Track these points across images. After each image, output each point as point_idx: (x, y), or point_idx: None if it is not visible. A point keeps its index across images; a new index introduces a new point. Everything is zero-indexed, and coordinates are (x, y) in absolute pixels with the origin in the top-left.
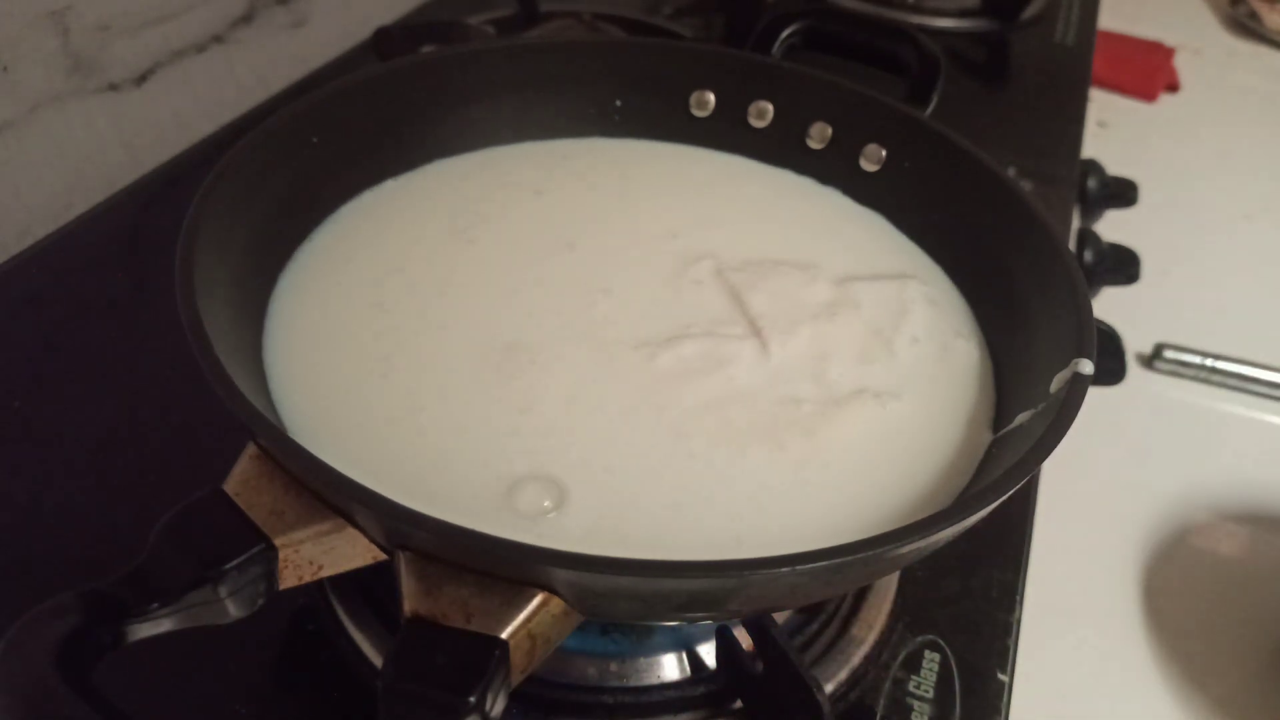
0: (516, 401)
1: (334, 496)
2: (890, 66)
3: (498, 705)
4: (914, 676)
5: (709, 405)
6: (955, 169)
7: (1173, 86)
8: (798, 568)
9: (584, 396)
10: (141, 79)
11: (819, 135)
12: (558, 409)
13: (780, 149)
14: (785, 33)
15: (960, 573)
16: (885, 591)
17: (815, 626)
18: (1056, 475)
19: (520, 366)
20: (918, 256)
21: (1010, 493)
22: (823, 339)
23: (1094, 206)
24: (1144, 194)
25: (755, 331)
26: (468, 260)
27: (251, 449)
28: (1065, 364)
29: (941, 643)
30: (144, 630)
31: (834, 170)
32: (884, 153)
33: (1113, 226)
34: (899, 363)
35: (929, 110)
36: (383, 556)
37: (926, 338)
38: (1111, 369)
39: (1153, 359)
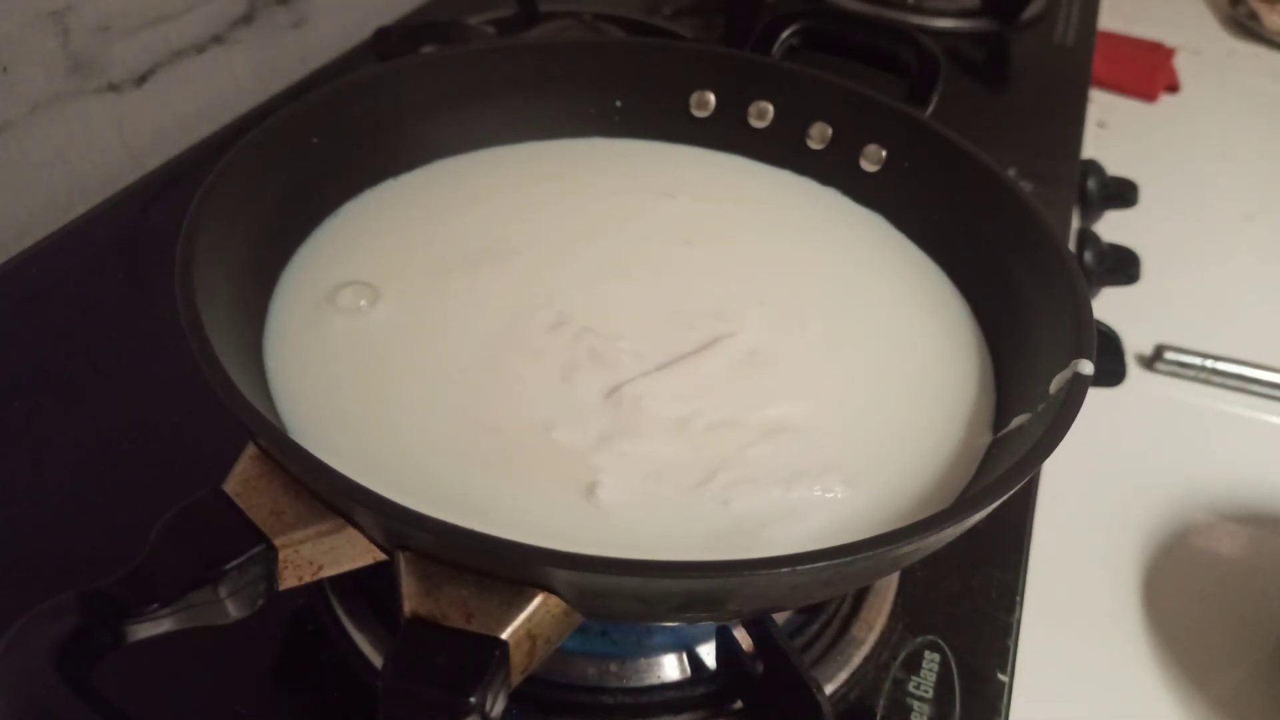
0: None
1: (334, 497)
2: (890, 66)
3: (498, 705)
4: (914, 677)
5: (539, 384)
6: (955, 169)
7: (1173, 86)
8: (798, 568)
9: (481, 289)
10: (141, 79)
11: (819, 135)
12: (453, 279)
13: (780, 149)
14: (785, 33)
15: (960, 573)
16: (885, 591)
17: (815, 627)
18: (1056, 475)
19: (493, 263)
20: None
21: (1010, 493)
22: (660, 429)
23: (1094, 207)
24: (1144, 194)
25: (635, 374)
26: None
27: (251, 449)
28: (1065, 365)
29: (941, 643)
30: (144, 630)
31: (834, 170)
32: (884, 153)
33: (1113, 226)
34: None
35: (929, 110)
36: (383, 556)
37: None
38: (1112, 370)
39: (1153, 360)
